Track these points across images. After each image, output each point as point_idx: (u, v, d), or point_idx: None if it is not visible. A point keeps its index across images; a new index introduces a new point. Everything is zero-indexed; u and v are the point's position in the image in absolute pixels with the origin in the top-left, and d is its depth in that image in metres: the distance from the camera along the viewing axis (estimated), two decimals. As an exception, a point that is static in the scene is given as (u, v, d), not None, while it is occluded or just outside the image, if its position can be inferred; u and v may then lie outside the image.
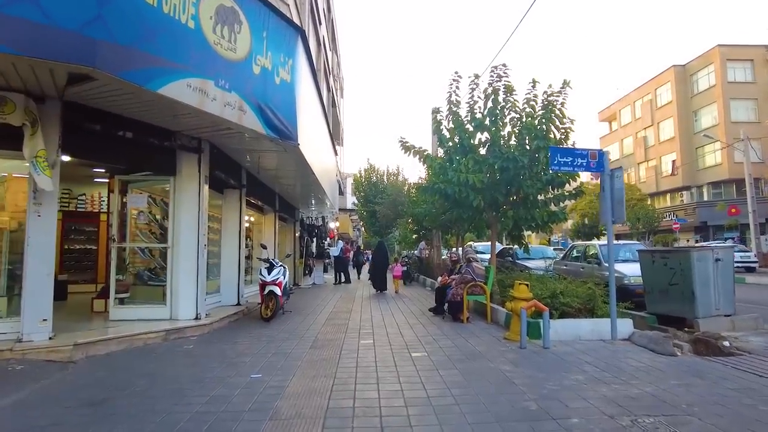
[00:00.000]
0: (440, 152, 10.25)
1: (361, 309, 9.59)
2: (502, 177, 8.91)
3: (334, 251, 16.83)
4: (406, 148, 9.63)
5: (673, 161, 33.82)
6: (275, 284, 7.89)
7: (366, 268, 16.06)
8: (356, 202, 37.72)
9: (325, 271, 17.64)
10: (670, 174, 34.07)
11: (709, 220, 33.32)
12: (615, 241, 12.29)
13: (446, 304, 7.92)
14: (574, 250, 11.62)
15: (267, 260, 8.23)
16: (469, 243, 17.09)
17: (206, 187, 7.45)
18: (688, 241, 32.93)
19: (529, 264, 12.55)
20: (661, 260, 7.14)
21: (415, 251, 19.38)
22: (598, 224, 37.63)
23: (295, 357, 5.26)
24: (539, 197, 9.14)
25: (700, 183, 35.68)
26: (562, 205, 8.93)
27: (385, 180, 34.52)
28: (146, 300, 7.45)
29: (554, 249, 20.18)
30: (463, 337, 6.20)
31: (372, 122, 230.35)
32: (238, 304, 9.19)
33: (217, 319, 7.40)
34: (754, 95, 33.49)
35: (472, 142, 9.47)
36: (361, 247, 26.63)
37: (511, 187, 8.94)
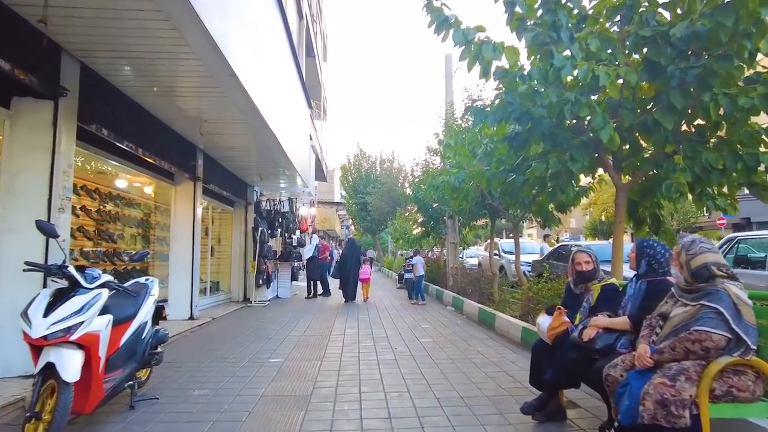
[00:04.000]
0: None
1: (346, 382, 4.25)
2: (681, 72, 3.70)
3: (307, 251, 11.48)
4: (441, 21, 4.27)
5: None
6: (67, 341, 2.54)
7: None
8: (344, 194, 32.41)
9: (294, 278, 12.19)
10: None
11: (753, 215, 28.64)
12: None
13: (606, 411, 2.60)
14: (737, 248, 6.37)
15: (56, 270, 2.81)
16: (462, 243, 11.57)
17: None
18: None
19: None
20: None
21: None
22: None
23: None
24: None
25: (740, 174, 31.07)
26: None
27: (378, 168, 29.32)
28: None
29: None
30: None
31: (361, 122, 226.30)
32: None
33: None
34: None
35: (577, 12, 4.29)
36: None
37: (696, 102, 3.69)
